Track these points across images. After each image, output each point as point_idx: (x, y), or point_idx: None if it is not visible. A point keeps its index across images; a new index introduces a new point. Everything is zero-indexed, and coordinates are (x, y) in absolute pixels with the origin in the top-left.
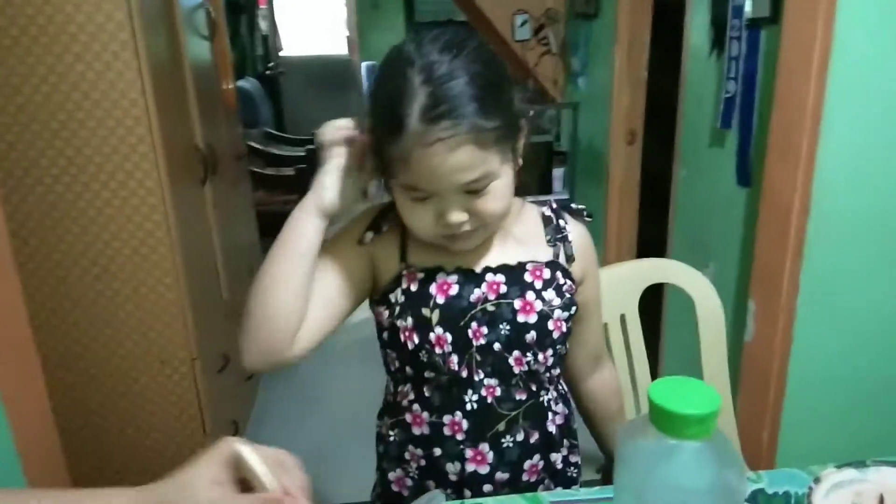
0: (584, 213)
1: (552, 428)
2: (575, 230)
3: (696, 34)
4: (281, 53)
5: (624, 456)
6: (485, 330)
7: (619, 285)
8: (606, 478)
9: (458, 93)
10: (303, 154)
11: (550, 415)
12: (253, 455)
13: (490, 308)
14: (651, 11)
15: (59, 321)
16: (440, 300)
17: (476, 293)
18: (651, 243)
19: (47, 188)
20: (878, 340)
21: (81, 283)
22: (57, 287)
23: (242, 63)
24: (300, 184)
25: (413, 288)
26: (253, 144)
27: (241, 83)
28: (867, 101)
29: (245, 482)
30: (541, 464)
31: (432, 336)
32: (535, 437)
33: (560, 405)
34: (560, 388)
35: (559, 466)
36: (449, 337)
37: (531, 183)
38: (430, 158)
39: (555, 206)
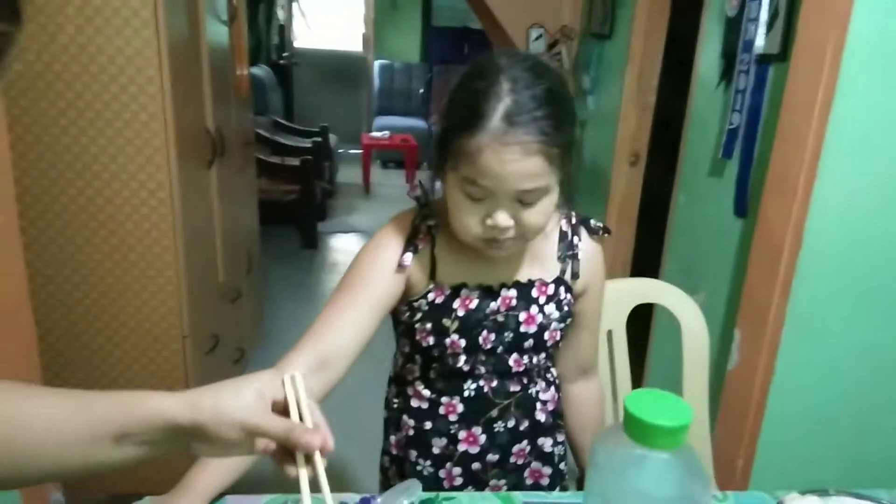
0: (601, 231)
1: (541, 416)
2: (586, 248)
3: (706, 64)
4: (296, 44)
5: (596, 461)
6: (492, 337)
7: (608, 301)
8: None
9: (540, 106)
10: (309, 146)
11: (539, 405)
12: (302, 384)
13: (500, 319)
14: (664, 37)
15: (55, 288)
16: (461, 313)
17: (491, 306)
18: (645, 265)
19: (57, 156)
20: (857, 378)
21: (82, 252)
22: (57, 254)
23: (257, 50)
24: (304, 175)
25: (438, 301)
26: (260, 132)
27: (254, 70)
28: (865, 144)
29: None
30: (528, 448)
31: (448, 341)
32: (524, 425)
33: (550, 391)
34: (549, 375)
35: (547, 450)
36: (463, 343)
37: None
38: (502, 158)
39: (574, 220)
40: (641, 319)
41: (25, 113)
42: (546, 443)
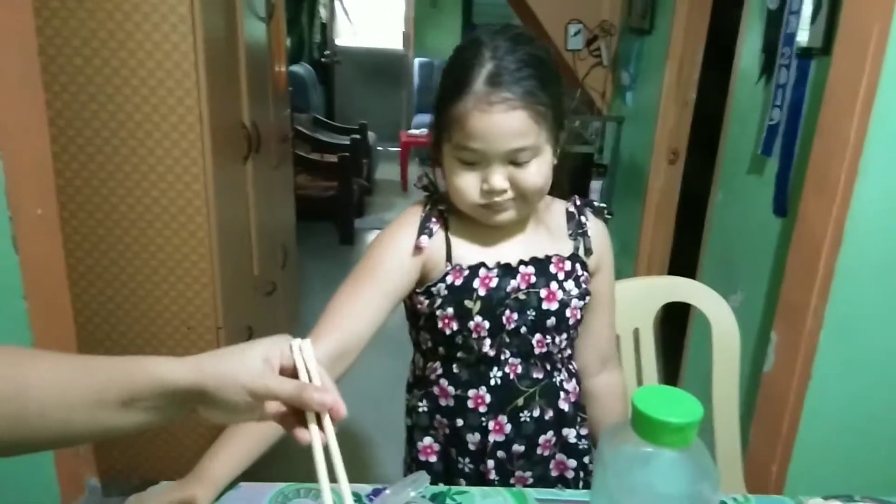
0: (605, 211)
1: (565, 406)
2: (594, 226)
3: (747, 59)
4: (337, 42)
5: (603, 459)
6: (515, 316)
7: (635, 299)
8: None
9: (520, 68)
10: (347, 143)
11: (563, 394)
12: (311, 350)
13: (521, 297)
14: (705, 32)
15: (94, 277)
16: (482, 293)
17: (511, 284)
18: (683, 264)
19: (97, 149)
20: None
21: (121, 242)
22: (97, 245)
23: (299, 49)
24: (342, 171)
25: (457, 283)
26: (300, 129)
27: (295, 68)
28: None
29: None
30: (553, 439)
31: (471, 324)
32: (549, 415)
33: (572, 382)
34: (571, 366)
35: (572, 441)
36: (486, 324)
37: (569, 192)
38: (489, 117)
39: (578, 202)
40: (679, 319)
41: (67, 107)
42: (570, 434)
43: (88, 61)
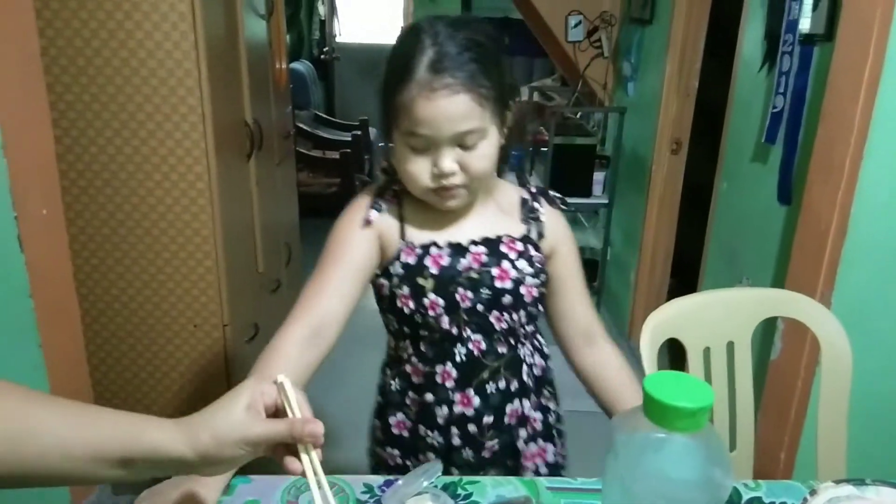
0: (560, 201)
1: (527, 378)
2: (548, 213)
3: (749, 47)
4: (337, 39)
5: (615, 445)
6: (470, 294)
7: (732, 311)
8: None
9: (460, 52)
10: (349, 139)
11: (526, 367)
12: (290, 385)
13: (474, 275)
14: (707, 21)
15: (100, 276)
16: (434, 271)
17: (463, 263)
18: (688, 254)
19: (100, 149)
20: None
21: (126, 241)
22: (102, 244)
23: (299, 46)
24: (344, 168)
25: (411, 261)
26: (302, 126)
27: (295, 65)
28: None
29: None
30: (519, 409)
31: (426, 301)
32: (514, 385)
33: (537, 357)
34: (536, 342)
35: (531, 412)
36: (441, 301)
37: (571, 185)
38: (433, 103)
39: (533, 190)
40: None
41: (70, 108)
42: (527, 405)
43: (90, 62)
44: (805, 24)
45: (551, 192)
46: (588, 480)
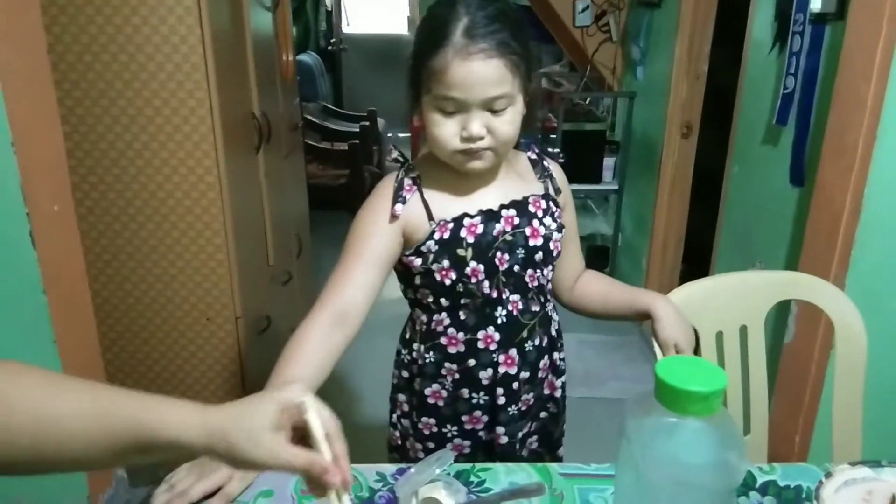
0: (559, 157)
1: (554, 332)
2: (555, 169)
3: (759, 28)
4: (344, 30)
5: (628, 431)
6: (507, 257)
7: (744, 295)
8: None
9: (494, 20)
10: (357, 130)
11: (552, 322)
12: (316, 418)
13: (509, 238)
14: (716, 3)
15: (113, 272)
16: (471, 240)
17: (497, 228)
18: (699, 238)
19: (110, 144)
20: None
21: (137, 236)
22: (114, 239)
23: (305, 37)
24: (352, 159)
25: (445, 236)
26: (310, 118)
27: (302, 57)
28: None
29: (299, 429)
30: (548, 362)
31: (468, 270)
32: (545, 341)
33: (555, 312)
34: (552, 299)
35: (558, 363)
36: (482, 268)
37: (581, 171)
38: (467, 67)
39: (537, 150)
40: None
41: (79, 104)
42: (557, 356)
43: (97, 57)
44: (816, 3)
45: (549, 150)
46: (601, 466)
